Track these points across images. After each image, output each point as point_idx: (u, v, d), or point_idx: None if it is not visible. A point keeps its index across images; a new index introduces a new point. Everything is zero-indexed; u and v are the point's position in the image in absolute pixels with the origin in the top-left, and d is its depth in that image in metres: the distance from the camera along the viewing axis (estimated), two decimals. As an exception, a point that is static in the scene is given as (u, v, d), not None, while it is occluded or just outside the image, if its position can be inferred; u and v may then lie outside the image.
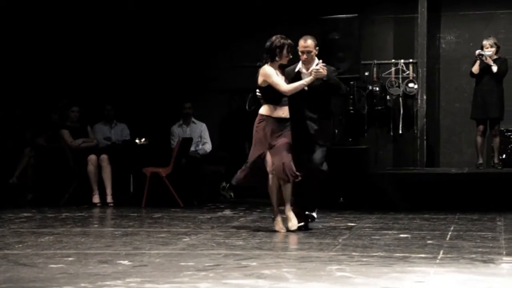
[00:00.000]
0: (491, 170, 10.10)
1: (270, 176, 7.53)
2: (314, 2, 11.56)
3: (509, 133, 10.87)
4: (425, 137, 11.41)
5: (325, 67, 7.40)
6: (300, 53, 7.57)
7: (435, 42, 11.72)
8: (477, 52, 10.15)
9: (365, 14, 11.02)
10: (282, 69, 7.54)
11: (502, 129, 10.50)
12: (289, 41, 7.52)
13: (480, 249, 6.36)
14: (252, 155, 7.53)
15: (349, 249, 6.47)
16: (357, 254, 6.18)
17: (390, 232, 7.55)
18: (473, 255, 6.06)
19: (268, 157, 7.50)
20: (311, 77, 7.40)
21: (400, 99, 11.48)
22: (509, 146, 10.86)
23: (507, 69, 10.04)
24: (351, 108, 11.31)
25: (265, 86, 7.45)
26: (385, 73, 11.56)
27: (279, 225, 7.58)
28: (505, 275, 5.32)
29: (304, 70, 7.60)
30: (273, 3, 11.98)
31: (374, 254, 6.17)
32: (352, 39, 9.94)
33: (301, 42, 7.57)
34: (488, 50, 10.11)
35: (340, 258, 5.99)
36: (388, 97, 11.50)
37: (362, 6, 11.30)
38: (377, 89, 11.45)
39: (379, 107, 11.46)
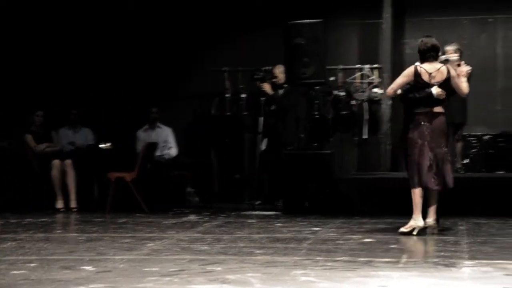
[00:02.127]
0: (454, 174, 10.16)
1: None
2: (279, 7, 11.60)
3: (472, 138, 10.99)
4: (389, 142, 11.48)
5: None
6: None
7: (400, 47, 11.80)
8: (443, 57, 10.21)
9: (330, 19, 11.04)
10: None
11: (465, 134, 10.60)
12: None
13: (442, 253, 6.42)
14: None
15: (313, 253, 6.49)
16: (321, 258, 6.20)
17: (354, 236, 7.59)
18: (436, 259, 6.11)
19: None
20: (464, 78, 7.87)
21: (365, 104, 11.54)
22: (472, 151, 10.97)
23: (472, 75, 10.13)
24: (316, 113, 11.32)
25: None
26: (350, 78, 11.61)
27: None
28: (466, 279, 5.38)
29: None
30: (238, 10, 11.98)
31: (339, 258, 6.19)
32: (317, 44, 9.97)
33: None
34: (453, 55, 10.19)
35: (304, 262, 6.01)
36: (353, 102, 11.54)
37: (327, 11, 11.34)
38: (342, 94, 11.49)
39: (344, 112, 11.50)
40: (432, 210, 7.62)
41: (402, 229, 7.53)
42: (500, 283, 5.21)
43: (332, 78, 11.38)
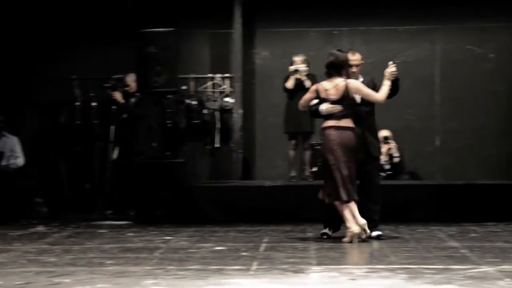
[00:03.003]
0: (303, 182, 10.44)
1: None
2: (131, 16, 11.51)
3: (320, 147, 11.27)
4: (241, 151, 11.63)
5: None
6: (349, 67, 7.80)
7: (251, 57, 11.99)
8: (293, 67, 10.46)
9: (182, 28, 11.07)
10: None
11: (313, 142, 10.87)
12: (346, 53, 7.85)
13: (292, 260, 6.55)
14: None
15: (165, 263, 6.48)
16: (173, 267, 6.19)
17: (206, 245, 7.63)
18: (285, 266, 6.23)
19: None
20: (388, 81, 7.66)
21: (217, 113, 11.62)
22: (320, 159, 11.24)
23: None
24: (168, 121, 11.31)
25: (353, 98, 7.65)
26: (202, 87, 11.67)
27: None
28: (314, 284, 5.52)
29: None
30: (91, 18, 11.80)
31: (190, 267, 6.21)
32: (169, 53, 9.96)
33: (349, 56, 7.82)
34: (302, 66, 10.45)
35: (156, 272, 5.99)
36: (205, 111, 11.60)
37: (179, 21, 11.37)
38: (194, 103, 11.53)
39: (196, 121, 11.53)
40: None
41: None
42: (346, 287, 5.39)
43: (184, 87, 11.39)
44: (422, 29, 11.87)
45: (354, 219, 7.56)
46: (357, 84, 7.72)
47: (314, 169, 10.75)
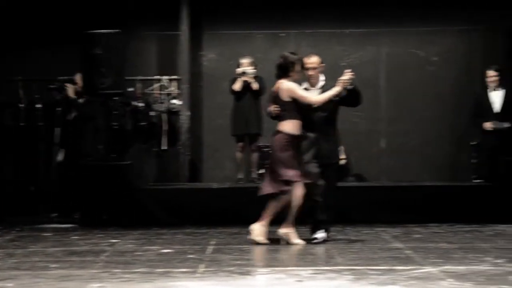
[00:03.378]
0: (250, 184, 10.46)
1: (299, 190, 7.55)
2: (77, 17, 11.39)
3: (267, 149, 11.30)
4: (188, 153, 11.60)
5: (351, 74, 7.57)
6: (305, 70, 7.76)
7: (197, 59, 11.97)
8: (240, 69, 10.49)
9: (128, 30, 11.02)
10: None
11: (260, 144, 10.91)
12: (299, 56, 7.76)
13: (238, 262, 6.57)
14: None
15: (111, 266, 6.43)
16: (119, 271, 6.16)
17: (152, 247, 7.60)
18: (232, 268, 6.25)
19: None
20: (338, 87, 7.57)
21: (164, 115, 11.58)
22: (267, 161, 11.28)
23: (265, 87, 10.47)
24: (114, 124, 11.24)
25: (289, 101, 7.55)
26: (148, 89, 11.62)
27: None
28: (261, 286, 5.54)
29: (310, 87, 7.80)
30: (37, 19, 11.65)
31: (136, 270, 6.18)
32: (115, 54, 9.89)
33: (306, 59, 7.78)
34: (249, 68, 10.49)
35: (101, 275, 5.95)
36: (152, 113, 11.55)
37: (126, 22, 11.30)
38: (141, 105, 11.47)
39: (143, 123, 11.47)
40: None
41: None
42: (292, 288, 5.43)
43: (130, 89, 11.33)
44: (367, 32, 11.99)
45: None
46: (289, 86, 7.66)
47: (262, 171, 10.78)
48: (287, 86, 7.67)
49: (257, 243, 7.57)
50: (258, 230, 7.68)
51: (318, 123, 7.78)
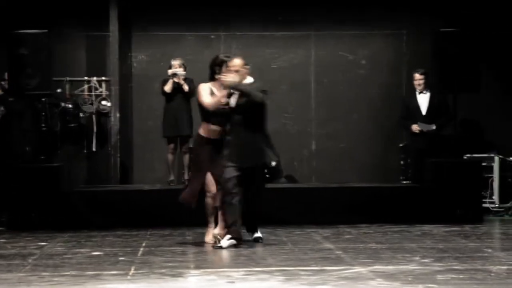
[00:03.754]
0: (181, 186, 10.41)
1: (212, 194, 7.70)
2: (3, 16, 11.18)
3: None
4: (118, 155, 11.51)
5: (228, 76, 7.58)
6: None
7: (127, 60, 11.88)
8: (171, 71, 10.45)
9: (56, 30, 10.86)
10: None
11: (191, 146, 10.89)
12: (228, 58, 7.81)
13: (170, 264, 6.55)
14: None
15: (39, 269, 6.34)
16: (47, 274, 6.07)
17: (82, 250, 7.52)
18: (163, 270, 6.23)
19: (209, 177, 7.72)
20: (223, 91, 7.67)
21: (94, 116, 11.47)
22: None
23: (195, 88, 10.45)
24: (43, 125, 11.07)
25: (199, 104, 7.74)
26: (78, 90, 11.49)
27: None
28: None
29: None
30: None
31: (66, 273, 6.11)
32: (42, 55, 9.74)
33: (229, 62, 7.77)
34: (179, 70, 10.46)
35: (30, 279, 5.86)
36: (81, 115, 11.43)
37: (54, 22, 11.15)
38: (70, 106, 11.34)
39: (73, 124, 11.35)
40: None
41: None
42: (224, 290, 5.44)
43: (59, 90, 11.18)
44: (297, 35, 12.09)
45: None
46: (198, 89, 7.90)
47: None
48: (198, 89, 7.90)
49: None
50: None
51: (236, 125, 7.74)
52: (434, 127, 10.55)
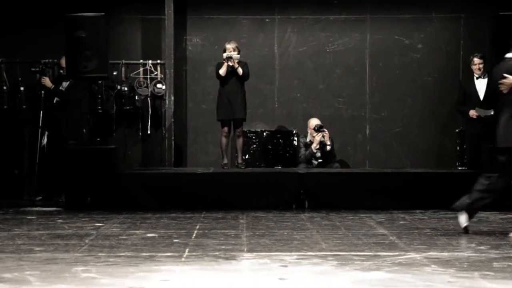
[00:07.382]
0: (235, 169, 10.46)
1: None
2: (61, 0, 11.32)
3: (252, 134, 11.34)
4: (172, 138, 11.58)
5: None
6: None
7: (182, 44, 11.93)
8: (226, 54, 10.46)
9: (112, 13, 10.96)
10: None
11: (245, 130, 10.91)
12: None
13: (223, 247, 6.58)
14: None
15: (95, 249, 6.43)
16: (103, 254, 6.15)
17: (137, 231, 7.60)
18: (217, 253, 6.26)
19: None
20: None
21: (149, 99, 11.56)
22: (252, 147, 11.31)
23: (249, 72, 10.46)
24: (99, 107, 11.21)
25: None
26: (133, 73, 11.58)
27: None
28: (245, 271, 5.56)
29: None
30: (23, 1, 11.56)
31: (121, 254, 6.18)
32: (99, 38, 9.84)
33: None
34: (234, 53, 10.46)
35: (86, 259, 5.94)
36: (136, 97, 11.52)
37: (110, 5, 11.24)
38: (126, 89, 11.43)
39: (128, 107, 11.45)
40: None
41: None
42: (277, 274, 5.44)
43: (115, 73, 11.29)
44: (352, 19, 11.98)
45: None
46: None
47: (246, 156, 10.78)
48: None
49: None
50: None
51: None
52: (492, 112, 10.37)
